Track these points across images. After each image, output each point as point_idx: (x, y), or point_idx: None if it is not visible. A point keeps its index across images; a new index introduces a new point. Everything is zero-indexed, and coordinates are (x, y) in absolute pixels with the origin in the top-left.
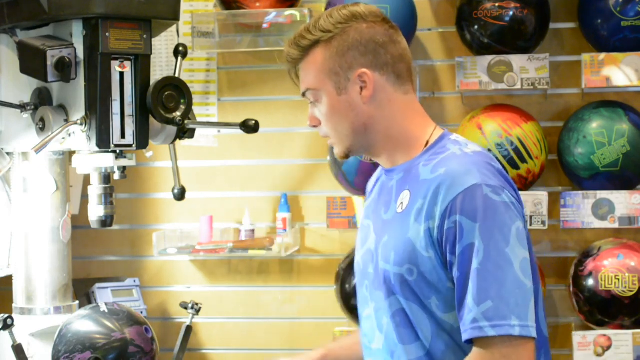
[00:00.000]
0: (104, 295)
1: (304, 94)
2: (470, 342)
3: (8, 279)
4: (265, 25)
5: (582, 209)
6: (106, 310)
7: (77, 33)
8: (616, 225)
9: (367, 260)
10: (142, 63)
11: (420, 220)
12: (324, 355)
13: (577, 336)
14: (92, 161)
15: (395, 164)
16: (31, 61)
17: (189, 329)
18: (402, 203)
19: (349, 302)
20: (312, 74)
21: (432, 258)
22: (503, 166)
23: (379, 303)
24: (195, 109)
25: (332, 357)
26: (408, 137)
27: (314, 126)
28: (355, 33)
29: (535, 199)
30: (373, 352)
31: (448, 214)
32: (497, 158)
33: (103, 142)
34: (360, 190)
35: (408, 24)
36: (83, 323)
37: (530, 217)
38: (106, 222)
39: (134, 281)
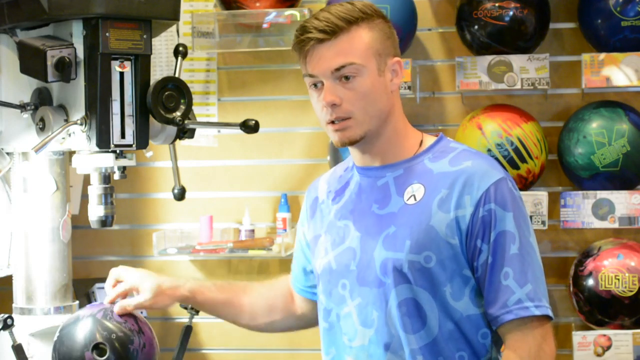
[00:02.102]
0: (104, 295)
1: (339, 68)
2: (496, 327)
3: (8, 279)
4: (265, 25)
5: (582, 209)
6: None
7: (77, 33)
8: (616, 225)
9: (346, 258)
10: (142, 63)
11: (446, 208)
12: (185, 297)
13: (577, 336)
14: (92, 161)
15: (385, 162)
16: (31, 61)
17: (189, 329)
18: (413, 195)
19: None
20: (359, 49)
21: (456, 245)
22: (503, 166)
23: (366, 298)
24: (195, 109)
25: (202, 299)
26: (407, 135)
27: (334, 104)
28: (389, 25)
29: (535, 199)
30: (354, 350)
31: (483, 202)
32: (497, 158)
33: (103, 142)
34: None
35: (408, 24)
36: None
37: (531, 217)
38: (106, 222)
39: None
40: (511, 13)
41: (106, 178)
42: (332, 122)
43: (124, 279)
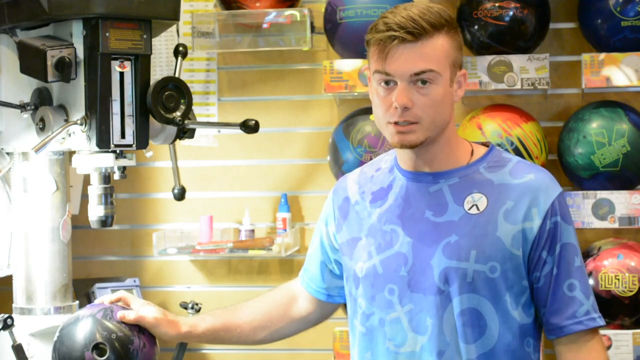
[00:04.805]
0: (104, 295)
1: (419, 73)
2: (558, 336)
3: (8, 279)
4: (265, 25)
5: (582, 209)
6: None
7: (77, 33)
8: (616, 225)
9: (395, 263)
10: (142, 63)
11: (513, 220)
12: (186, 332)
13: None
14: (92, 161)
15: (437, 168)
16: (31, 61)
17: None
18: (475, 205)
19: None
20: (440, 57)
21: (519, 256)
22: None
23: (419, 304)
24: (195, 109)
25: (201, 330)
26: (458, 144)
27: (406, 107)
28: (460, 36)
29: None
30: (403, 356)
31: (550, 215)
32: None
33: (103, 142)
34: None
35: None
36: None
37: None
38: (106, 222)
39: (134, 281)
40: (511, 13)
41: (106, 178)
42: (396, 123)
43: (130, 302)
